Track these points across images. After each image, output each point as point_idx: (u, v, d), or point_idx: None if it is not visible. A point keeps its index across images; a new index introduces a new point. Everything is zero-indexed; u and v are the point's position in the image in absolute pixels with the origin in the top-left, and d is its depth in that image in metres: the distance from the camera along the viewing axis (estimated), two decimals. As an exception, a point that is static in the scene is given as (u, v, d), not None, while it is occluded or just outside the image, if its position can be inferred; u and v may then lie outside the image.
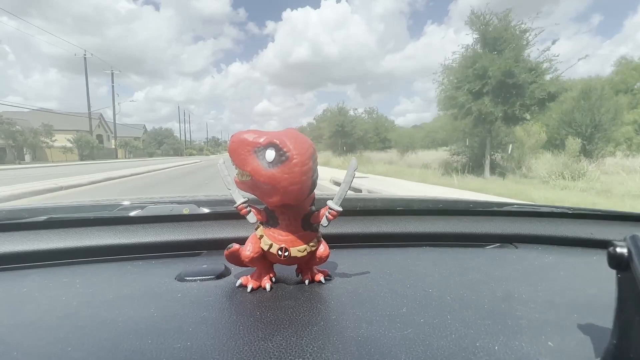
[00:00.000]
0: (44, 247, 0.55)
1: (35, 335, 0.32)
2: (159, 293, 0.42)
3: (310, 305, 0.38)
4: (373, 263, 0.53)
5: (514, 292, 0.42)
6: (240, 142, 0.38)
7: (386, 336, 0.32)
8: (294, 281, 0.46)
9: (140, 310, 0.37)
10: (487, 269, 0.51)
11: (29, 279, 0.47)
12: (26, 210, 0.68)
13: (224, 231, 0.62)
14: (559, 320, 0.35)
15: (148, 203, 0.70)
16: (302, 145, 0.37)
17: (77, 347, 0.30)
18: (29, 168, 15.53)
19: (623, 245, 0.25)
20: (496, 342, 0.31)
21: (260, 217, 0.43)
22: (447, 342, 0.31)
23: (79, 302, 0.40)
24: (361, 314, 0.36)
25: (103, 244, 0.57)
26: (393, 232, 0.66)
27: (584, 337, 0.32)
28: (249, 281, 0.43)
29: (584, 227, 0.68)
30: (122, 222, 0.63)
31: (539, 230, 0.67)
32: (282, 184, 0.37)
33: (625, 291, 0.24)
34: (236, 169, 0.40)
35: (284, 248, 0.42)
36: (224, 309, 0.37)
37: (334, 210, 0.42)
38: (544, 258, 0.57)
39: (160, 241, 0.59)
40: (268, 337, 0.31)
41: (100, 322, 0.35)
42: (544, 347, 0.30)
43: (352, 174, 0.41)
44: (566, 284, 0.46)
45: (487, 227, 0.68)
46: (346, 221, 0.66)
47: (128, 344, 0.31)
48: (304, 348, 0.30)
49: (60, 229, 0.59)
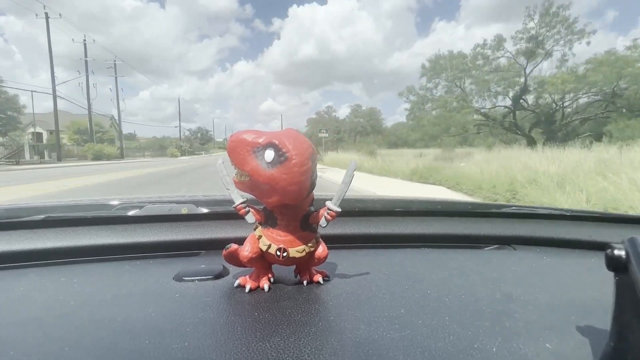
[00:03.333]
0: (41, 246, 0.55)
1: (32, 335, 0.32)
2: (157, 293, 0.42)
3: (309, 306, 0.38)
4: (372, 264, 0.53)
5: (512, 293, 0.42)
6: (239, 142, 0.38)
7: (384, 337, 0.32)
8: (293, 282, 0.46)
9: (138, 310, 0.37)
10: (486, 271, 0.51)
11: (26, 279, 0.47)
12: (23, 209, 0.68)
13: (223, 231, 0.61)
14: (557, 322, 0.35)
15: (146, 202, 0.70)
16: (301, 146, 0.37)
17: (75, 347, 0.30)
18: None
19: (621, 247, 0.25)
20: (494, 343, 0.31)
21: (258, 218, 0.43)
22: (445, 344, 0.31)
23: (77, 302, 0.39)
24: (359, 315, 0.36)
25: (101, 244, 0.57)
26: (392, 233, 0.66)
27: (582, 339, 0.32)
28: (247, 281, 0.43)
29: (582, 229, 0.68)
30: (120, 221, 0.62)
31: (537, 232, 0.67)
32: (281, 184, 0.37)
33: (623, 293, 0.24)
34: (235, 168, 0.40)
35: (283, 248, 0.42)
36: (222, 310, 0.37)
37: (333, 210, 0.42)
38: (542, 260, 0.57)
39: (158, 241, 0.59)
40: (266, 338, 0.31)
41: (97, 322, 0.35)
42: (542, 349, 0.30)
43: (351, 175, 0.41)
44: (564, 286, 0.46)
45: (485, 229, 0.68)
46: (345, 222, 0.66)
47: (126, 344, 0.30)
48: (302, 349, 0.29)
49: (58, 228, 0.58)
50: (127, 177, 9.39)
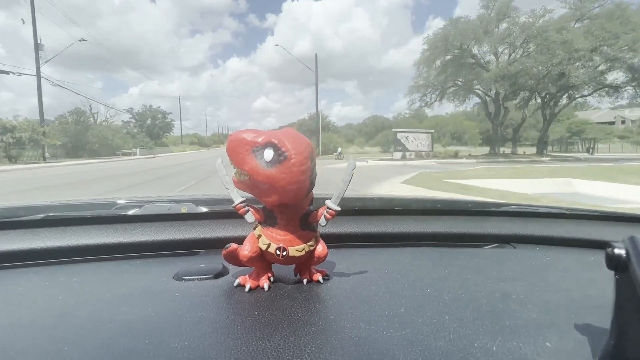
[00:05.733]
0: (40, 246, 0.55)
1: (31, 335, 0.32)
2: (157, 292, 0.42)
3: (309, 305, 0.38)
4: (371, 263, 0.53)
5: (512, 292, 0.42)
6: (238, 141, 0.38)
7: (384, 336, 0.32)
8: (292, 281, 0.46)
9: (137, 310, 0.37)
10: (485, 269, 0.51)
11: (25, 278, 0.47)
12: (23, 208, 0.68)
13: (222, 230, 0.61)
14: (556, 320, 0.35)
15: (146, 202, 0.70)
16: (301, 145, 0.37)
17: (74, 347, 0.30)
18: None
19: (621, 246, 0.25)
20: (494, 342, 0.31)
21: (258, 217, 0.43)
22: (445, 343, 0.31)
23: (76, 302, 0.39)
24: (359, 313, 0.36)
25: (100, 243, 0.57)
26: (391, 232, 0.66)
27: (582, 337, 0.32)
28: (247, 281, 0.43)
29: (582, 227, 0.68)
30: (120, 220, 0.62)
31: (537, 230, 0.67)
32: (280, 184, 0.37)
33: (623, 292, 0.25)
34: (234, 168, 0.40)
35: (282, 247, 0.42)
36: (222, 309, 0.37)
37: (332, 209, 0.42)
38: (541, 258, 0.57)
39: (158, 240, 0.59)
40: (266, 337, 0.31)
41: (97, 322, 0.34)
42: (541, 347, 0.30)
43: (351, 174, 0.41)
44: (564, 284, 0.46)
45: (485, 227, 0.68)
46: (344, 221, 0.66)
47: (125, 343, 0.30)
48: (302, 348, 0.29)
49: (58, 228, 0.58)
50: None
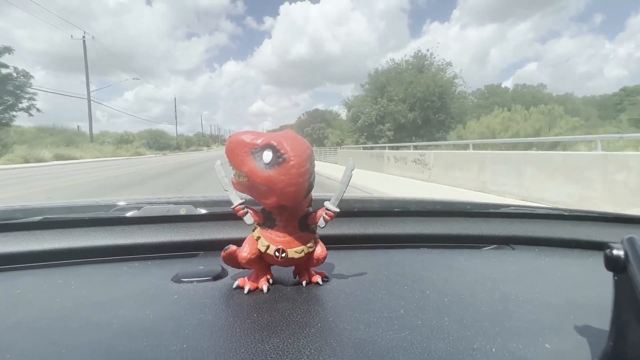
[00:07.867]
0: (38, 248, 0.55)
1: (28, 337, 0.32)
2: (155, 294, 0.42)
3: (308, 307, 0.38)
4: (370, 264, 0.52)
5: (511, 293, 0.42)
6: (237, 143, 0.38)
7: (384, 338, 0.31)
8: (291, 283, 0.45)
9: (136, 312, 0.37)
10: (484, 271, 0.51)
11: (22, 280, 0.47)
12: (20, 210, 0.68)
13: (221, 232, 0.61)
14: (556, 322, 0.35)
15: (144, 203, 0.69)
16: (300, 147, 0.37)
17: (72, 350, 0.30)
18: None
19: (620, 247, 0.25)
20: (494, 344, 0.31)
21: (257, 218, 0.43)
22: (445, 344, 0.31)
23: (74, 304, 0.39)
24: (359, 315, 0.36)
25: (98, 245, 0.57)
26: (390, 234, 0.66)
27: (581, 339, 0.32)
28: (246, 283, 0.43)
29: (581, 228, 0.68)
30: (118, 222, 0.62)
31: (536, 231, 0.68)
32: (278, 186, 0.37)
33: (622, 293, 0.25)
34: (233, 169, 0.40)
35: (281, 249, 0.42)
36: (221, 311, 0.37)
37: (331, 211, 0.42)
38: (540, 260, 0.57)
39: (156, 242, 0.59)
40: (265, 339, 0.31)
41: (95, 324, 0.34)
42: (541, 349, 0.30)
43: (350, 175, 0.41)
44: (563, 285, 0.46)
45: (484, 229, 0.68)
46: (343, 222, 0.66)
47: (123, 346, 0.30)
48: (301, 350, 0.29)
49: (55, 230, 0.58)
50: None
